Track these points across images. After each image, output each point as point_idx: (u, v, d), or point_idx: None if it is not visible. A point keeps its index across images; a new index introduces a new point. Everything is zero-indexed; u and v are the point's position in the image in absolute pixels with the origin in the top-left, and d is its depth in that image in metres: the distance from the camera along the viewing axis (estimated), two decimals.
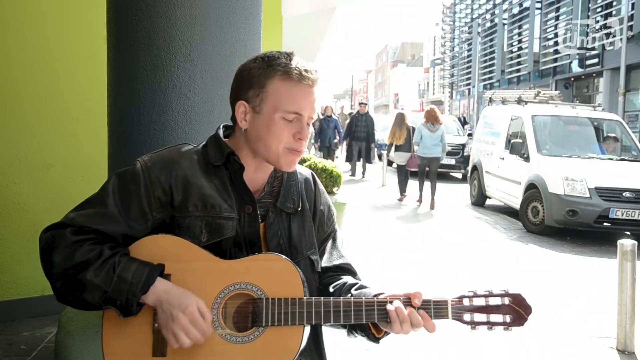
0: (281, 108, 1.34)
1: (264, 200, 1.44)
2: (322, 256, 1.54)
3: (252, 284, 1.30)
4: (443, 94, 55.02)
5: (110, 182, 1.36)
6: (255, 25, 2.23)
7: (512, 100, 10.87)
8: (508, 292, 1.39)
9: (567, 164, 8.38)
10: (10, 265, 3.80)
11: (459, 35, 46.70)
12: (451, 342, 3.87)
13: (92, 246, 1.28)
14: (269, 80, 1.35)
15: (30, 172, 3.87)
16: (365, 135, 13.76)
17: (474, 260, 6.57)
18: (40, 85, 3.90)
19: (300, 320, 1.30)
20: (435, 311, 1.36)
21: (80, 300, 1.27)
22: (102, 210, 1.31)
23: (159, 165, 1.36)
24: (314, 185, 1.56)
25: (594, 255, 7.08)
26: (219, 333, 1.28)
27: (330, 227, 1.58)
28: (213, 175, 1.38)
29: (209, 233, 1.34)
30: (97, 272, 1.25)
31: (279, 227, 1.43)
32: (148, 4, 2.03)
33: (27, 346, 3.44)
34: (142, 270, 1.27)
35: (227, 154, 1.38)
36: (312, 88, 1.37)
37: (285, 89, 1.34)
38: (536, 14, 30.27)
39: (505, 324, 1.37)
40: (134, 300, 1.25)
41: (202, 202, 1.35)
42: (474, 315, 1.36)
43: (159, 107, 2.06)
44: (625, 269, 3.88)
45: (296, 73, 1.34)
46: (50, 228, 1.31)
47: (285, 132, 1.35)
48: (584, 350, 3.95)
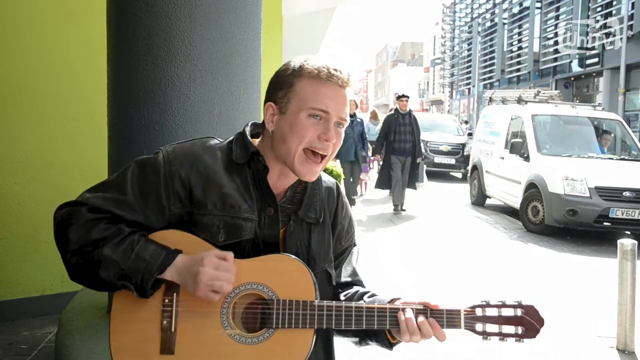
0: (306, 105, 1.29)
1: (284, 206, 1.39)
2: (336, 269, 1.49)
3: (263, 285, 1.29)
4: (443, 94, 55.02)
5: (130, 169, 1.33)
6: (255, 25, 2.23)
7: (512, 100, 10.87)
8: (521, 304, 1.38)
9: (567, 163, 8.37)
10: (10, 265, 3.80)
11: (459, 34, 46.69)
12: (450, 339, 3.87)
13: (109, 224, 1.26)
14: (296, 80, 1.32)
15: (30, 172, 3.87)
16: (410, 146, 9.16)
17: (474, 260, 6.56)
18: (40, 85, 3.90)
19: (311, 324, 1.28)
20: (447, 321, 1.34)
21: (94, 278, 1.25)
22: (120, 197, 1.29)
23: (180, 158, 1.32)
24: (337, 197, 1.50)
25: (594, 255, 7.08)
26: (228, 333, 1.27)
27: (348, 241, 1.54)
28: (235, 174, 1.34)
29: (227, 233, 1.31)
30: (115, 247, 1.24)
31: (299, 237, 1.40)
32: (148, 4, 2.03)
33: (27, 346, 3.44)
34: (161, 251, 1.25)
35: (251, 152, 1.35)
36: (342, 88, 1.32)
37: (312, 87, 1.30)
38: (536, 14, 30.27)
39: (517, 335, 1.36)
40: (150, 279, 1.23)
41: (222, 201, 1.32)
42: (486, 326, 1.36)
43: (159, 106, 2.06)
44: (625, 269, 3.88)
45: (324, 71, 1.30)
46: (65, 205, 1.29)
47: (309, 131, 1.30)
48: (584, 350, 3.95)
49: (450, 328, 1.34)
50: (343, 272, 1.51)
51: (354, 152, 9.26)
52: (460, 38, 46.18)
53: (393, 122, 9.19)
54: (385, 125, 9.30)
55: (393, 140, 9.12)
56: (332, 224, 1.48)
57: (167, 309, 1.27)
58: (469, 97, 42.85)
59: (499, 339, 1.36)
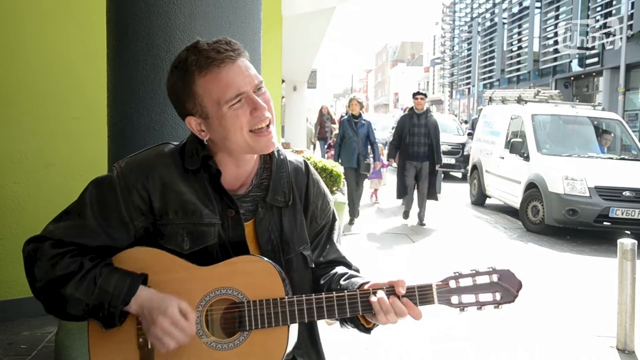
0: (222, 101, 1.25)
1: (252, 194, 1.37)
2: (314, 250, 1.46)
3: (232, 288, 1.28)
4: (443, 93, 55.03)
5: (88, 192, 1.32)
6: (255, 25, 2.23)
7: (512, 100, 10.87)
8: (495, 269, 1.34)
9: (567, 163, 8.37)
10: (10, 265, 3.80)
11: (459, 34, 46.69)
12: (447, 340, 3.87)
13: (72, 259, 1.25)
14: (191, 84, 1.27)
15: (30, 172, 3.87)
16: (425, 150, 8.19)
17: (474, 259, 6.56)
18: (40, 84, 3.90)
19: (284, 320, 1.27)
20: (420, 297, 1.30)
21: (64, 313, 1.26)
22: (80, 223, 1.28)
23: (135, 172, 1.31)
24: (307, 175, 1.46)
25: (594, 255, 7.08)
26: (204, 341, 1.27)
27: (324, 219, 1.49)
28: (192, 179, 1.32)
29: (191, 241, 1.30)
30: (78, 285, 1.23)
31: (269, 223, 1.37)
32: (148, 3, 2.03)
33: (27, 346, 3.45)
34: (124, 281, 1.24)
35: (202, 156, 1.32)
36: (235, 60, 1.26)
37: (212, 82, 1.25)
38: (536, 13, 30.27)
39: (495, 302, 1.31)
40: (116, 311, 1.23)
41: (183, 209, 1.30)
42: (461, 297, 1.31)
43: (158, 106, 2.06)
44: (625, 268, 3.88)
45: (209, 61, 1.24)
46: (30, 241, 1.29)
47: (241, 118, 1.26)
48: (584, 350, 3.95)
49: (424, 304, 1.30)
50: (322, 251, 1.48)
51: (356, 158, 8.03)
52: (460, 38, 46.17)
53: (407, 123, 8.23)
54: (399, 127, 8.38)
55: (407, 143, 8.16)
56: (304, 205, 1.44)
57: (142, 327, 1.27)
58: (469, 96, 42.85)
59: (477, 308, 1.31)
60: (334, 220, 1.52)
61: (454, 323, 4.06)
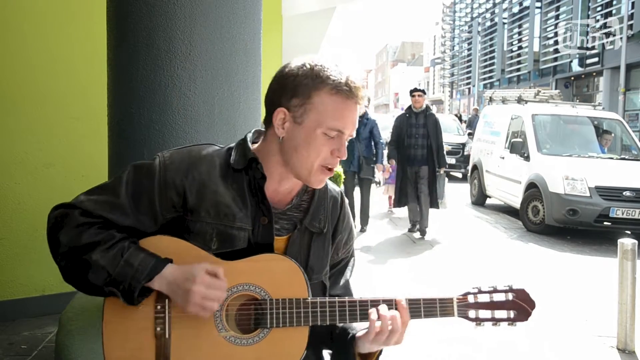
0: (324, 124, 1.28)
1: (289, 213, 1.39)
2: (329, 279, 1.48)
3: (255, 285, 1.29)
4: (443, 93, 55.04)
5: (126, 173, 1.33)
6: (255, 25, 2.23)
7: (512, 100, 10.87)
8: (512, 288, 1.40)
9: (567, 163, 8.37)
10: (10, 265, 3.80)
11: (459, 34, 46.68)
12: (450, 342, 3.87)
13: (100, 230, 1.26)
14: (315, 92, 1.28)
15: (30, 172, 3.87)
16: (424, 153, 7.34)
17: (474, 259, 6.56)
18: (40, 85, 3.90)
19: (306, 321, 1.28)
20: (440, 309, 1.36)
21: (83, 281, 1.26)
22: (112, 200, 1.29)
23: (176, 165, 1.32)
24: (341, 208, 1.49)
25: (594, 255, 7.08)
26: (223, 335, 1.27)
27: (345, 253, 1.52)
28: (232, 180, 1.33)
29: (220, 242, 1.31)
30: (104, 253, 1.24)
31: (300, 247, 1.38)
32: (148, 3, 2.03)
33: (27, 346, 3.44)
34: (150, 260, 1.25)
35: (249, 159, 1.33)
36: (358, 105, 1.32)
37: (333, 105, 1.28)
38: (536, 13, 30.27)
39: (510, 319, 1.39)
40: (137, 286, 1.23)
41: (216, 209, 1.31)
42: (478, 312, 1.38)
43: (159, 106, 2.06)
44: (625, 268, 3.88)
45: (346, 90, 1.28)
46: (59, 207, 1.30)
47: (325, 148, 1.29)
48: (584, 349, 3.95)
49: (444, 316, 1.36)
50: (335, 284, 1.49)
51: (357, 161, 7.26)
52: (460, 38, 46.17)
53: (404, 123, 7.43)
54: (396, 127, 7.56)
55: (404, 145, 7.35)
56: (332, 234, 1.46)
57: (160, 315, 1.27)
58: (469, 96, 42.84)
59: (492, 324, 1.39)
60: (352, 257, 1.56)
61: (454, 323, 4.06)
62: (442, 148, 7.41)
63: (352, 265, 1.55)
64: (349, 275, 1.53)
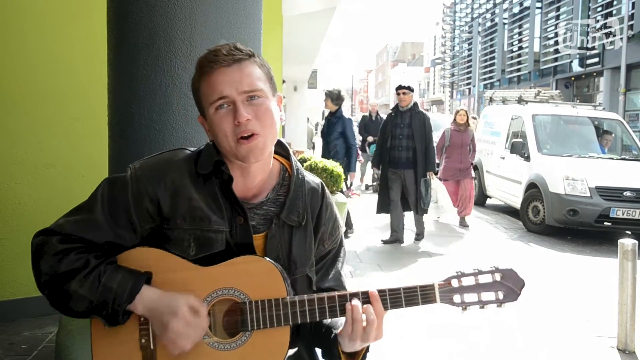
0: (208, 102, 1.29)
1: (266, 207, 1.38)
2: (317, 273, 1.45)
3: (234, 289, 1.28)
4: (443, 94, 55.00)
5: (100, 189, 1.33)
6: (255, 25, 2.23)
7: (512, 100, 10.87)
8: (498, 268, 1.34)
9: (567, 163, 8.37)
10: (10, 265, 3.80)
11: (460, 34, 46.66)
12: (443, 340, 3.87)
13: (78, 255, 1.25)
14: (198, 84, 1.32)
15: (30, 172, 3.87)
16: (408, 155, 6.66)
17: (474, 259, 6.56)
18: (40, 85, 3.90)
19: (286, 321, 1.27)
20: (422, 296, 1.30)
21: (68, 309, 1.26)
22: (89, 217, 1.29)
23: (147, 175, 1.32)
24: (322, 198, 1.46)
25: (595, 255, 7.07)
26: (206, 342, 1.27)
27: (331, 244, 1.48)
28: (203, 185, 1.33)
29: (197, 246, 1.30)
30: (82, 281, 1.23)
31: (279, 241, 1.37)
32: (148, 3, 2.03)
33: (27, 346, 3.45)
34: (128, 279, 1.24)
35: (215, 161, 1.33)
36: (229, 66, 1.28)
37: (206, 83, 1.29)
38: (536, 14, 30.26)
39: (498, 301, 1.32)
40: (120, 309, 1.23)
41: (191, 215, 1.31)
42: (464, 296, 1.31)
43: (159, 106, 2.06)
44: (625, 269, 3.88)
45: (205, 63, 1.29)
46: (40, 233, 1.30)
47: (225, 122, 1.28)
48: (584, 350, 3.95)
49: (427, 303, 1.31)
50: (325, 276, 1.47)
51: None
52: (461, 38, 46.15)
53: (389, 124, 6.81)
54: (382, 128, 6.98)
55: (388, 147, 6.74)
56: (314, 227, 1.43)
57: (144, 327, 1.28)
58: (470, 97, 42.83)
59: (479, 307, 1.32)
60: (341, 247, 1.52)
61: (454, 322, 4.06)
62: (432, 150, 6.73)
63: (342, 256, 1.52)
64: (340, 266, 1.50)
